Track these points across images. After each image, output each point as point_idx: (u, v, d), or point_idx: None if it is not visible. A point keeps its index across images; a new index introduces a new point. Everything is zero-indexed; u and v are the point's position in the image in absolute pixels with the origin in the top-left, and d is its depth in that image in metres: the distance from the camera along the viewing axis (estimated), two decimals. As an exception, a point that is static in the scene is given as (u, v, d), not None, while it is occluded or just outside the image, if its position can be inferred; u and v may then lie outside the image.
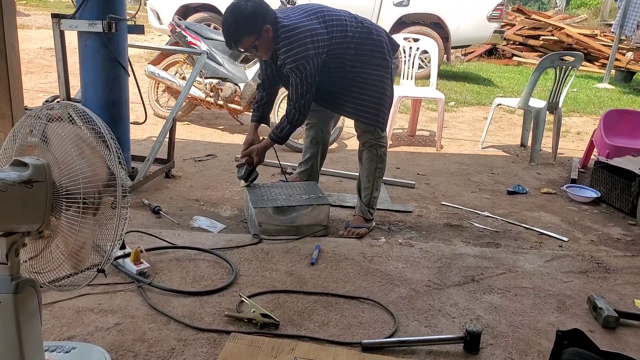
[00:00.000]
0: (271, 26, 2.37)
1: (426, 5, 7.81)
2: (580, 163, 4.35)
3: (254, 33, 2.35)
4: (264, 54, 2.50)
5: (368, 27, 2.58)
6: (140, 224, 2.62)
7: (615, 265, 2.54)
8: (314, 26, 2.41)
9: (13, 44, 2.50)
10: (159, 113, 4.71)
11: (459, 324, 1.93)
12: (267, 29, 2.37)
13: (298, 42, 2.35)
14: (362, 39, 2.53)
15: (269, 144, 2.67)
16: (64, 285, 1.38)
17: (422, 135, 5.07)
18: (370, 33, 2.56)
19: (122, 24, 2.74)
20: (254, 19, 2.33)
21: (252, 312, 1.84)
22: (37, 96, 5.09)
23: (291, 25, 2.38)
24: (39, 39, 8.32)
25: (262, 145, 2.69)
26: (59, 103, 1.50)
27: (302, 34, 2.36)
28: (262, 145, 2.69)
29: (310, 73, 2.42)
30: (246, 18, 2.32)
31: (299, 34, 2.36)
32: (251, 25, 2.33)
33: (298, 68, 2.39)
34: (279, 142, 2.64)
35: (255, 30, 2.35)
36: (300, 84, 2.44)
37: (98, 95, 2.78)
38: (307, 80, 2.44)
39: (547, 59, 4.29)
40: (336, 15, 2.52)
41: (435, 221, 3.01)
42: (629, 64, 10.41)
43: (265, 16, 2.35)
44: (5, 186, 1.16)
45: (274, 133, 2.60)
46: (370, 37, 2.55)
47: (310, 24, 2.41)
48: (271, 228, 2.53)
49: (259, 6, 2.35)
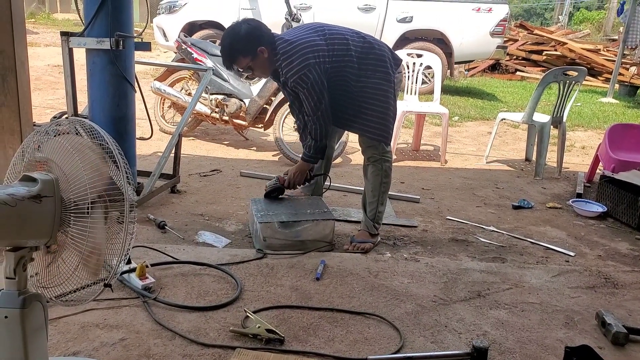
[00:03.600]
0: (267, 47, 2.46)
1: (429, 21, 7.88)
2: (586, 177, 4.34)
3: (248, 54, 2.45)
4: (261, 74, 2.61)
5: (370, 42, 2.60)
6: (145, 239, 2.63)
7: (623, 280, 2.52)
8: (314, 39, 2.46)
9: (23, 61, 2.54)
10: (165, 129, 4.74)
11: (465, 340, 1.91)
12: (262, 50, 2.45)
13: (297, 53, 2.40)
14: (364, 54, 2.55)
15: (303, 165, 2.71)
16: (70, 300, 1.38)
17: (426, 150, 5.08)
18: (373, 48, 2.58)
19: (129, 41, 2.78)
20: (248, 41, 2.43)
21: (257, 327, 1.83)
22: (45, 112, 5.14)
23: (290, 40, 2.45)
24: (47, 56, 8.43)
25: (295, 167, 2.75)
26: (66, 119, 1.52)
27: (300, 46, 2.41)
28: (295, 166, 2.75)
29: (315, 81, 2.42)
30: (240, 40, 2.42)
31: (297, 47, 2.41)
32: (246, 47, 2.43)
33: (301, 79, 2.41)
34: (312, 162, 2.69)
35: (249, 51, 2.44)
36: (309, 94, 2.45)
37: (105, 111, 2.81)
38: (315, 89, 2.44)
39: (551, 74, 4.30)
40: (337, 31, 2.56)
41: (440, 236, 3.00)
42: (632, 79, 10.43)
43: (259, 38, 2.44)
44: (15, 201, 1.17)
45: (305, 154, 2.66)
46: (372, 52, 2.57)
47: (309, 38, 2.46)
48: (276, 243, 2.53)
49: (253, 29, 2.44)
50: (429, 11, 7.92)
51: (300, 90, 2.46)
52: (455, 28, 7.87)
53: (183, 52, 4.45)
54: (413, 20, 7.82)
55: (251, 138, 4.98)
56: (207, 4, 7.82)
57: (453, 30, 7.87)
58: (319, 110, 2.48)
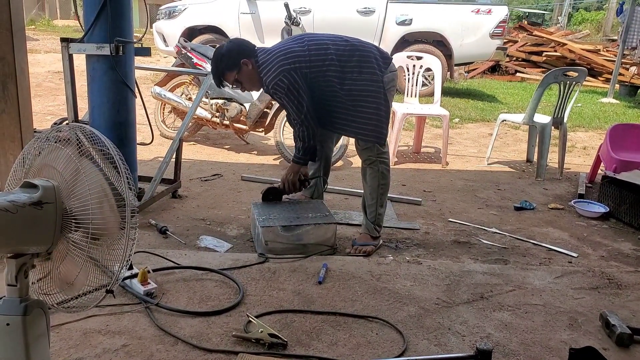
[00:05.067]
0: (250, 59, 2.57)
1: (429, 24, 7.89)
2: (587, 178, 4.33)
3: (233, 68, 2.57)
4: (251, 86, 2.68)
5: (354, 44, 2.61)
6: (147, 244, 2.62)
7: (627, 281, 2.51)
8: (291, 47, 2.55)
9: (23, 68, 2.54)
10: (165, 134, 4.74)
11: (469, 343, 1.91)
12: (245, 62, 2.56)
13: (274, 61, 2.50)
14: (347, 56, 2.56)
15: (294, 167, 2.74)
16: (72, 307, 1.38)
17: (427, 152, 5.07)
18: (356, 49, 2.59)
19: (129, 47, 2.78)
20: (230, 55, 2.57)
21: (260, 332, 1.82)
22: (46, 119, 5.15)
23: (269, 50, 2.60)
24: (48, 62, 8.46)
25: (287, 169, 2.78)
26: (67, 125, 1.52)
27: (277, 54, 2.53)
28: (288, 168, 2.78)
29: (292, 85, 2.48)
30: (224, 56, 2.57)
31: (274, 55, 2.53)
32: (229, 61, 2.57)
33: (278, 84, 2.48)
34: (302, 163, 2.72)
35: (234, 65, 2.56)
36: (288, 99, 2.51)
37: (105, 116, 2.81)
38: (293, 93, 2.49)
39: (551, 75, 4.30)
40: (317, 38, 2.62)
41: (442, 238, 2.99)
42: (632, 79, 10.43)
43: (241, 52, 2.57)
44: (16, 208, 1.17)
45: (295, 155, 2.72)
46: (356, 54, 2.57)
47: (287, 46, 2.56)
48: (278, 247, 2.53)
49: (233, 44, 2.62)
50: (428, 13, 7.93)
51: (279, 95, 2.53)
52: (455, 30, 7.87)
53: (183, 57, 4.45)
54: (412, 23, 7.83)
55: (252, 142, 4.98)
56: (206, 8, 7.84)
57: (452, 32, 7.88)
58: (302, 113, 2.54)
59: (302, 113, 2.53)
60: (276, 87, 2.49)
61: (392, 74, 2.66)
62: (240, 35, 7.51)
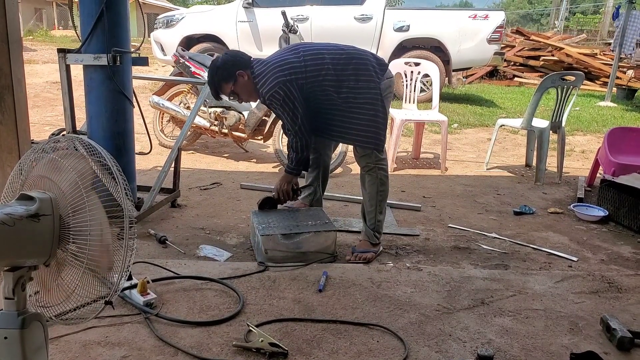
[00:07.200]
0: (245, 71, 2.58)
1: (426, 30, 7.92)
2: (586, 182, 4.33)
3: (229, 79, 2.59)
4: (248, 97, 2.69)
5: (350, 52, 2.62)
6: (146, 254, 2.62)
7: (627, 284, 2.50)
8: (287, 57, 2.55)
9: (20, 79, 2.54)
10: (164, 143, 4.75)
11: (470, 349, 1.90)
12: (241, 73, 2.58)
13: (270, 72, 2.51)
14: (343, 64, 2.56)
15: (286, 177, 2.74)
16: (71, 319, 1.37)
17: (426, 158, 5.07)
18: (352, 58, 2.60)
19: (126, 57, 2.78)
20: (226, 67, 2.59)
21: (261, 341, 1.81)
22: (44, 129, 5.15)
23: (265, 61, 2.59)
24: (45, 73, 8.47)
25: (280, 179, 2.77)
26: (65, 136, 1.52)
27: (272, 65, 2.53)
28: (281, 178, 2.77)
29: (287, 96, 2.48)
30: (219, 68, 2.60)
31: (270, 66, 2.54)
32: (224, 73, 2.59)
33: (273, 96, 2.49)
34: (295, 173, 2.72)
35: (229, 76, 2.58)
36: (283, 110, 2.52)
37: (103, 127, 2.81)
38: (288, 105, 2.50)
39: (549, 79, 4.31)
40: (313, 48, 2.62)
41: (442, 244, 2.99)
42: (630, 82, 10.46)
43: (235, 63, 2.59)
44: (13, 220, 1.16)
45: (287, 165, 2.71)
46: (352, 62, 2.58)
47: (282, 57, 2.56)
48: (278, 255, 2.52)
49: (228, 57, 2.64)
50: (426, 19, 7.97)
51: (275, 106, 2.54)
52: (452, 36, 7.90)
53: (181, 65, 4.46)
54: (410, 29, 7.86)
55: (251, 150, 4.98)
56: (204, 17, 7.88)
57: (450, 37, 7.91)
58: (296, 124, 2.54)
59: (296, 124, 2.54)
60: (272, 98, 2.50)
61: (388, 81, 2.67)
62: (238, 44, 7.54)
